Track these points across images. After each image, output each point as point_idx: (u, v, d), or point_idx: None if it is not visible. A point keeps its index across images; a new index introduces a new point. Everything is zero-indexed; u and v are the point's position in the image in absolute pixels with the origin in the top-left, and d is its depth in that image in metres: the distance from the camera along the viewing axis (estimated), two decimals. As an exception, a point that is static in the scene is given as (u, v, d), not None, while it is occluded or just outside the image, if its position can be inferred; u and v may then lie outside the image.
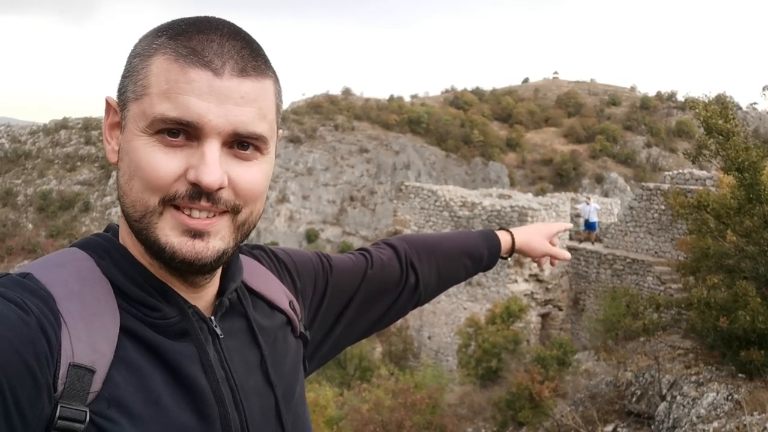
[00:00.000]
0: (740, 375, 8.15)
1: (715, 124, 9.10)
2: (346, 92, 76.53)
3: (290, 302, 1.17)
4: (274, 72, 0.96)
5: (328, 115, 66.94)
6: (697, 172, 17.80)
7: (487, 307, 18.83)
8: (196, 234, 0.89)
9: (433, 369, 18.31)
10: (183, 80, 0.86)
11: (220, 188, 0.88)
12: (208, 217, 0.90)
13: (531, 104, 74.47)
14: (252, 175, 0.92)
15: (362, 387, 16.23)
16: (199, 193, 0.88)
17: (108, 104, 0.97)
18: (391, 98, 75.87)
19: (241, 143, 0.91)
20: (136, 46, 0.93)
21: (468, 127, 65.71)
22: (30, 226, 52.86)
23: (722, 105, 9.75)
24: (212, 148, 0.87)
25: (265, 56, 0.95)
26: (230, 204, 0.91)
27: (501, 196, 22.86)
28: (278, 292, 1.17)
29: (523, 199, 22.02)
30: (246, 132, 0.89)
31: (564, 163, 61.64)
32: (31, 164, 60.09)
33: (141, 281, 0.94)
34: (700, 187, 13.51)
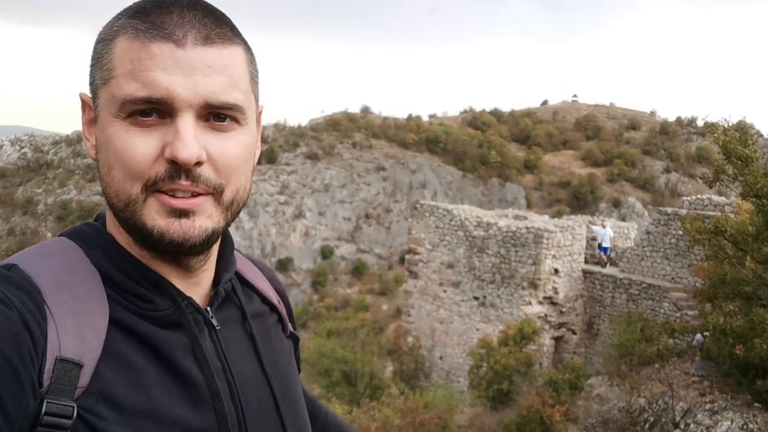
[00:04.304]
0: (756, 404, 8.00)
1: (734, 149, 9.03)
2: (365, 110, 76.88)
3: (278, 301, 1.16)
4: (243, 39, 0.94)
5: (346, 132, 67.22)
6: (716, 197, 17.61)
7: (500, 329, 18.65)
8: (182, 213, 0.87)
9: (443, 389, 18.14)
10: (146, 56, 0.84)
11: (199, 163, 0.86)
12: (192, 196, 0.88)
13: (549, 126, 74.29)
14: (230, 147, 0.90)
15: (371, 405, 16.10)
16: (178, 171, 0.85)
17: (83, 101, 0.95)
18: (409, 117, 76.08)
19: (217, 115, 0.88)
20: (99, 34, 0.91)
21: (485, 148, 65.64)
22: (49, 234, 53.40)
23: (742, 131, 9.67)
24: (185, 122, 0.85)
25: (232, 24, 0.93)
26: (211, 183, 0.88)
27: (517, 217, 22.74)
28: (269, 290, 1.16)
29: (539, 220, 21.89)
30: (218, 102, 0.87)
31: (581, 186, 61.32)
32: (52, 174, 60.85)
33: (133, 272, 0.92)
34: (719, 213, 13.36)
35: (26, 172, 61.27)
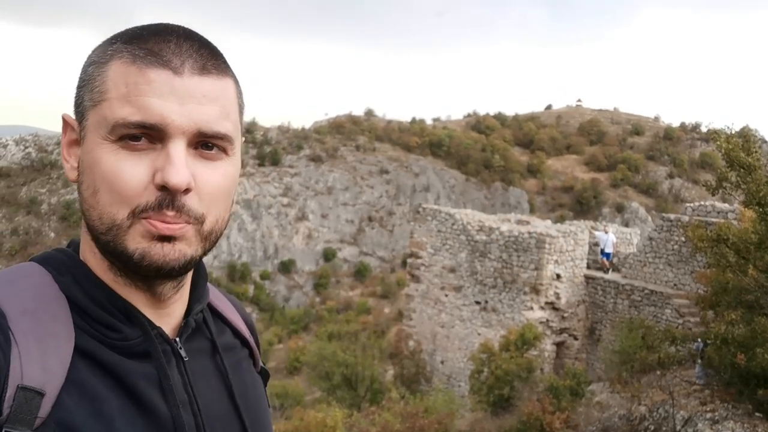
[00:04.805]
0: (757, 414, 7.96)
1: (737, 156, 9.00)
2: (369, 113, 76.85)
3: (249, 336, 1.15)
4: (233, 73, 0.95)
5: (349, 135, 67.24)
6: (719, 204, 17.58)
7: (501, 334, 18.61)
8: (164, 239, 0.87)
9: (444, 394, 18.11)
10: (142, 81, 0.84)
11: (188, 190, 0.86)
12: (176, 223, 0.87)
13: (553, 131, 74.21)
14: (216, 177, 0.90)
15: (371, 410, 16.07)
16: (167, 199, 0.85)
17: (65, 122, 0.94)
18: (413, 121, 76.02)
19: (205, 144, 0.89)
20: (90, 56, 0.91)
21: (489, 152, 65.60)
22: (52, 234, 53.51)
23: (745, 138, 9.65)
24: (178, 149, 0.85)
25: (224, 57, 0.94)
26: (193, 214, 0.88)
27: (519, 222, 22.72)
28: (240, 323, 1.15)
29: (541, 225, 21.86)
30: (211, 131, 0.88)
31: (585, 191, 61.23)
32: (56, 174, 60.97)
33: (103, 300, 0.91)
34: (722, 220, 13.31)
35: (30, 172, 61.42)
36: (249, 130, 61.97)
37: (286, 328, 40.38)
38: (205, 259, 1.01)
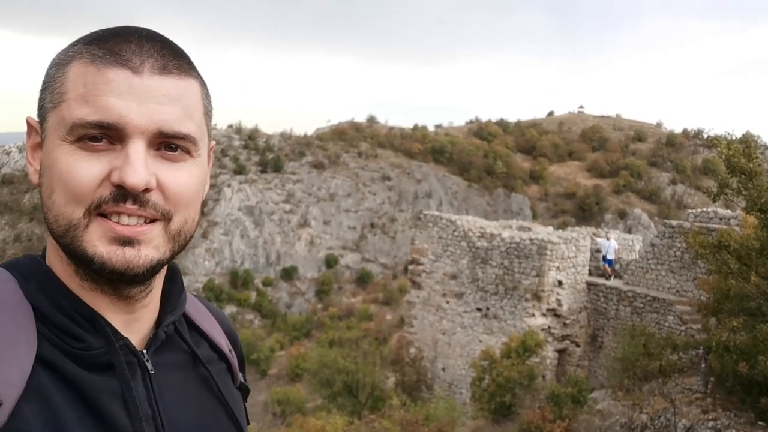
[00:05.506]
0: (760, 423, 7.88)
1: (738, 162, 8.96)
2: (371, 120, 77.02)
3: (229, 350, 1.12)
4: (199, 75, 0.93)
5: (352, 142, 67.35)
6: (721, 210, 17.52)
7: (503, 341, 18.54)
8: (126, 242, 0.85)
9: (445, 401, 18.02)
10: (101, 81, 0.83)
11: (148, 190, 0.84)
12: (138, 224, 0.85)
13: (555, 137, 74.23)
14: (181, 177, 0.88)
15: (371, 417, 16.00)
16: (124, 195, 0.83)
17: (29, 125, 0.93)
18: (415, 127, 76.16)
19: (168, 145, 0.87)
20: (53, 59, 0.90)
21: (491, 158, 65.66)
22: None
23: (746, 144, 9.61)
24: (136, 148, 0.83)
25: (189, 58, 0.92)
26: (160, 209, 0.86)
27: (521, 228, 22.66)
28: (219, 337, 1.12)
29: (543, 232, 21.80)
30: (172, 131, 0.86)
31: (587, 197, 61.20)
32: (58, 181, 61.19)
33: (68, 308, 0.89)
34: (724, 227, 13.26)
35: (33, 179, 61.53)
36: (251, 136, 62.18)
37: (288, 335, 40.29)
38: (207, 266, 0.98)
